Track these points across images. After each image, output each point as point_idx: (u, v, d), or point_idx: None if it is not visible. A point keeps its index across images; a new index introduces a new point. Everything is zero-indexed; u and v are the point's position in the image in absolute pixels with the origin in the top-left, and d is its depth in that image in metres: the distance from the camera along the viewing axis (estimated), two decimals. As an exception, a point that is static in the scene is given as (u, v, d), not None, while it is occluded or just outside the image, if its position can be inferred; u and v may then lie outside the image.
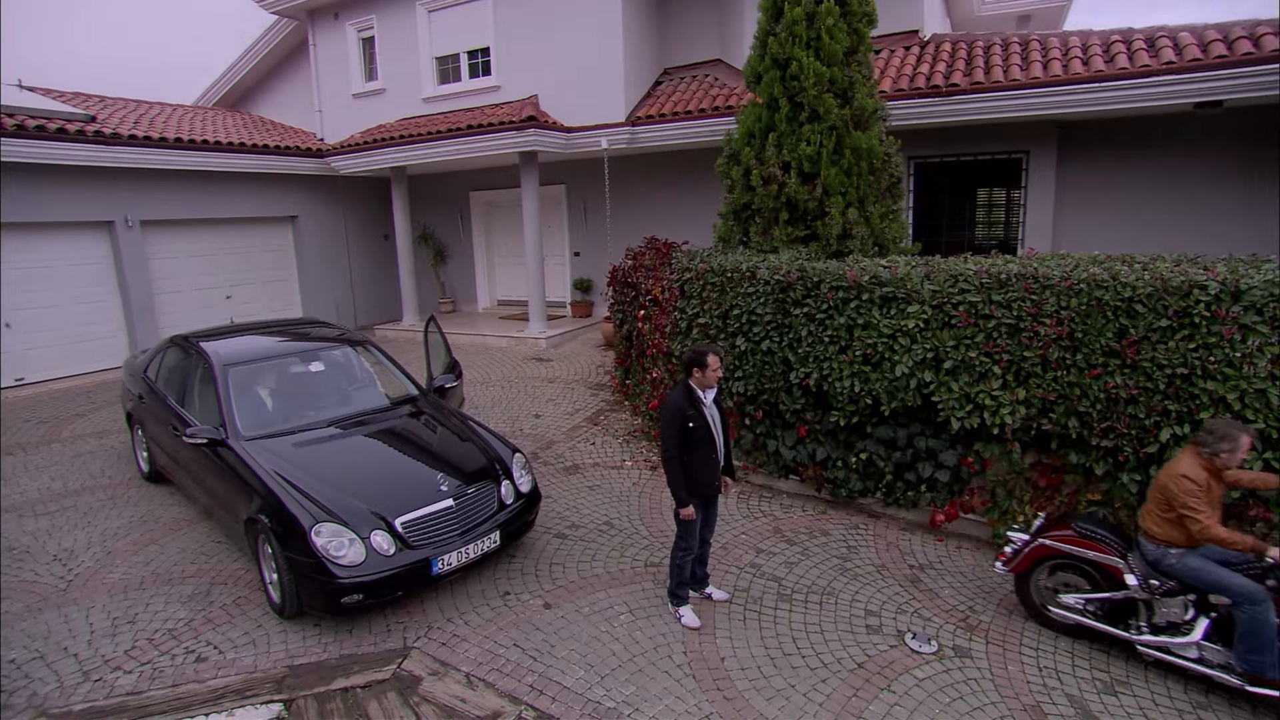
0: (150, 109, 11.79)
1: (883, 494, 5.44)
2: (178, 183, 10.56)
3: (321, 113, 13.39)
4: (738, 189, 6.47)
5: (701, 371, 3.80)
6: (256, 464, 4.15)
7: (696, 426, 3.76)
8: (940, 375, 4.83)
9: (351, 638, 3.89)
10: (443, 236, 14.76)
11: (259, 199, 11.97)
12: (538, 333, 11.25)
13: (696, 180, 10.85)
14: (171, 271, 10.90)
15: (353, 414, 4.89)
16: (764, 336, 5.56)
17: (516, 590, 4.38)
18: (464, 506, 4.21)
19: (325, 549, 3.70)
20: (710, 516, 4.08)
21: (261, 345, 5.30)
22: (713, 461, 3.83)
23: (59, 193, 9.14)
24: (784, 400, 5.60)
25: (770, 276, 5.45)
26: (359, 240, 14.27)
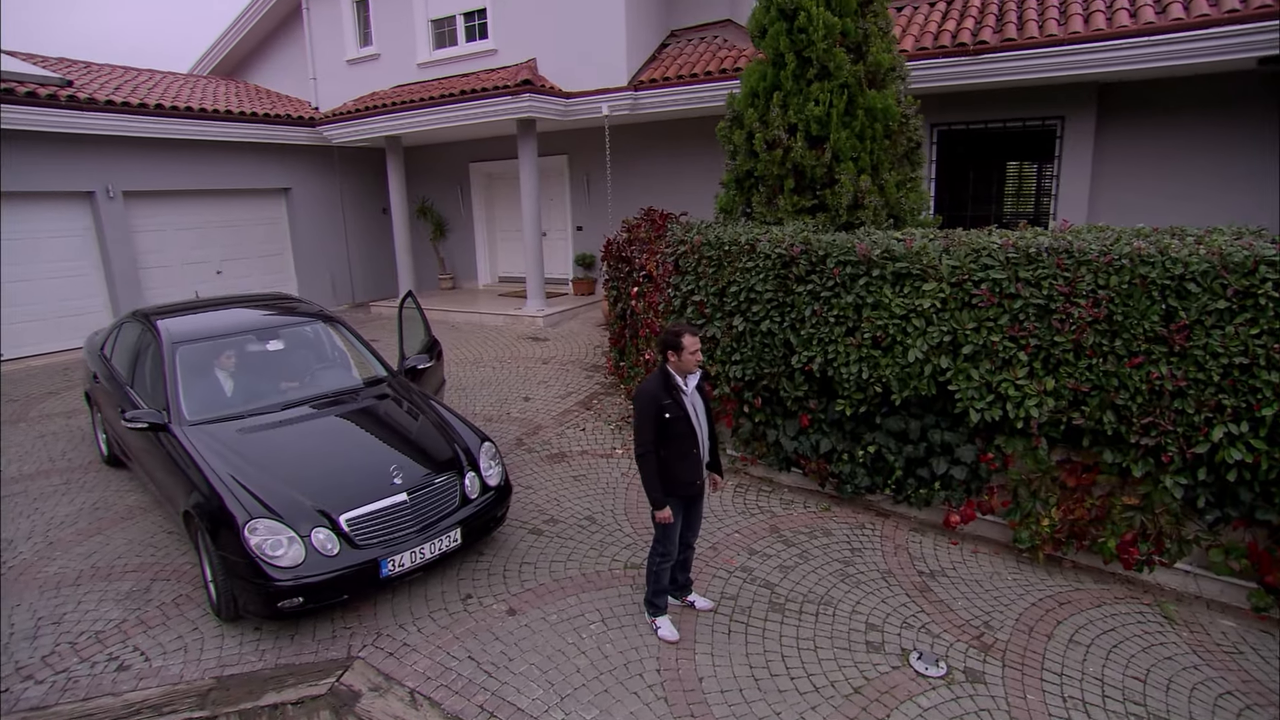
0: (137, 76, 11.44)
1: (892, 491, 4.99)
2: (162, 152, 10.23)
3: (316, 81, 12.96)
4: (740, 155, 5.96)
5: (677, 355, 3.37)
6: (195, 452, 3.82)
7: (674, 418, 3.34)
8: (958, 362, 4.35)
9: (292, 645, 3.56)
10: (442, 210, 14.35)
11: (250, 170, 11.62)
12: (535, 310, 10.86)
13: (704, 150, 10.30)
14: (158, 245, 10.62)
15: (310, 397, 4.53)
16: (764, 316, 5.10)
17: (480, 593, 4.03)
18: (420, 501, 3.85)
19: (259, 548, 3.36)
20: (693, 517, 3.67)
21: (219, 322, 4.94)
22: (693, 457, 3.41)
23: (36, 161, 8.85)
24: (785, 386, 5.15)
25: (771, 250, 4.98)
26: (356, 214, 13.92)
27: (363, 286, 14.16)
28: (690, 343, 3.33)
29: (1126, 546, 4.11)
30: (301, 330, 5.12)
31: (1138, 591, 4.08)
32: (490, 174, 13.80)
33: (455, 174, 13.97)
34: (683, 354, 3.36)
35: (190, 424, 4.08)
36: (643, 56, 9.95)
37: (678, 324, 3.39)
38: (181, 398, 4.21)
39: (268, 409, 4.34)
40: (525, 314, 10.83)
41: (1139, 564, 4.11)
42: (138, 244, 10.28)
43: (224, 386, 4.50)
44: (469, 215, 14.06)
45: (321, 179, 13.06)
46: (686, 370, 3.38)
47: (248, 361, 4.68)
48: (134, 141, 9.77)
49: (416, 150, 14.26)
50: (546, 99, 9.53)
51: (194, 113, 10.07)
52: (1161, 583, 4.12)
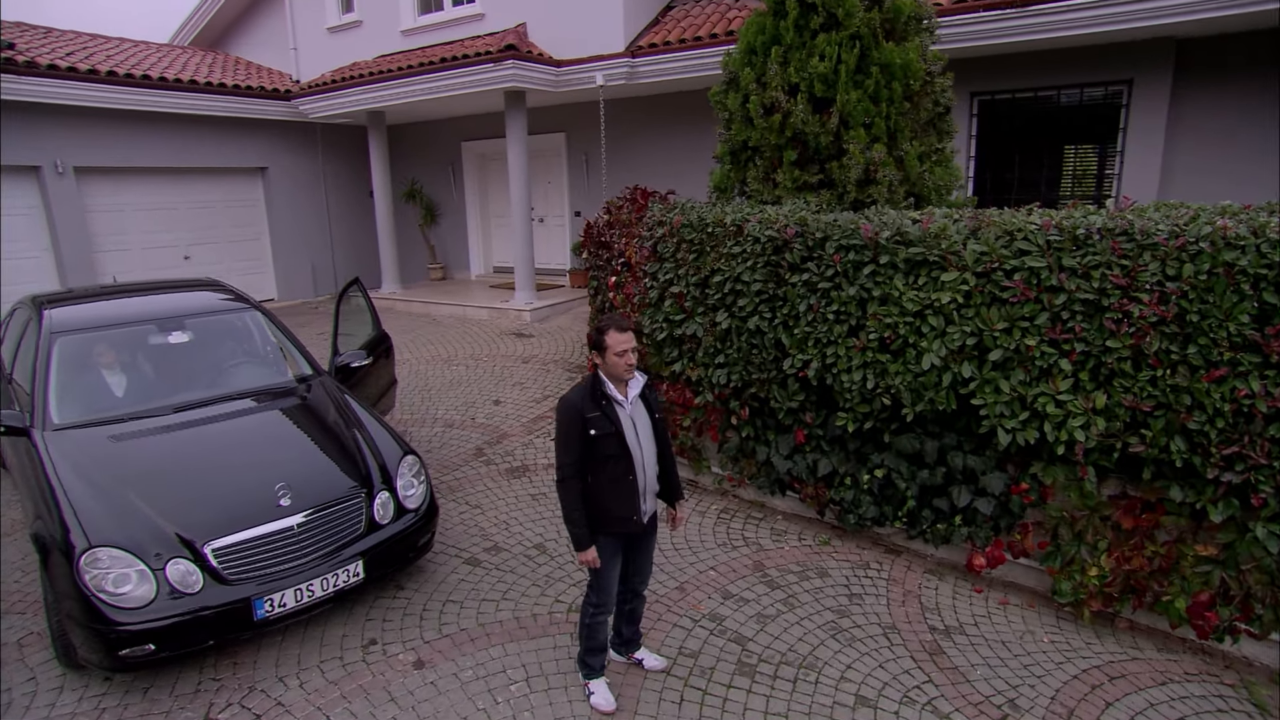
0: (105, 44, 11.17)
1: (904, 524, 4.37)
2: (120, 125, 9.90)
3: (296, 51, 12.62)
4: (735, 123, 5.37)
5: (602, 356, 2.82)
6: (49, 462, 3.37)
7: (601, 435, 2.78)
8: (984, 370, 3.72)
9: (143, 701, 3.07)
10: (433, 193, 13.93)
11: (221, 147, 11.29)
12: (523, 304, 10.36)
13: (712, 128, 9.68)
14: (117, 226, 10.32)
15: (209, 399, 4.06)
16: (751, 312, 4.50)
17: (387, 638, 3.51)
18: (312, 527, 3.35)
19: (95, 583, 2.89)
20: (640, 560, 3.11)
21: (116, 310, 4.50)
22: (628, 485, 2.84)
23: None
24: (777, 395, 4.55)
25: (761, 233, 4.38)
26: (341, 197, 13.56)
27: (346, 275, 13.79)
28: (615, 340, 2.76)
29: (1201, 609, 3.44)
30: (215, 322, 4.66)
31: (1216, 666, 3.41)
32: (483, 154, 13.33)
33: (446, 154, 13.54)
34: (607, 355, 2.80)
35: (56, 428, 3.62)
36: (643, 20, 9.37)
37: (605, 317, 2.83)
38: (51, 397, 3.76)
39: (154, 412, 3.87)
40: (511, 307, 10.34)
41: (1218, 632, 3.43)
42: (93, 225, 9.99)
43: (112, 385, 4.05)
44: (461, 199, 13.62)
45: (302, 158, 12.70)
46: (617, 376, 2.81)
47: (143, 356, 4.23)
48: (86, 112, 9.45)
49: (404, 128, 13.87)
50: (534, 67, 9.01)
51: (151, 82, 9.73)
52: (1249, 657, 3.44)
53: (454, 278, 13.99)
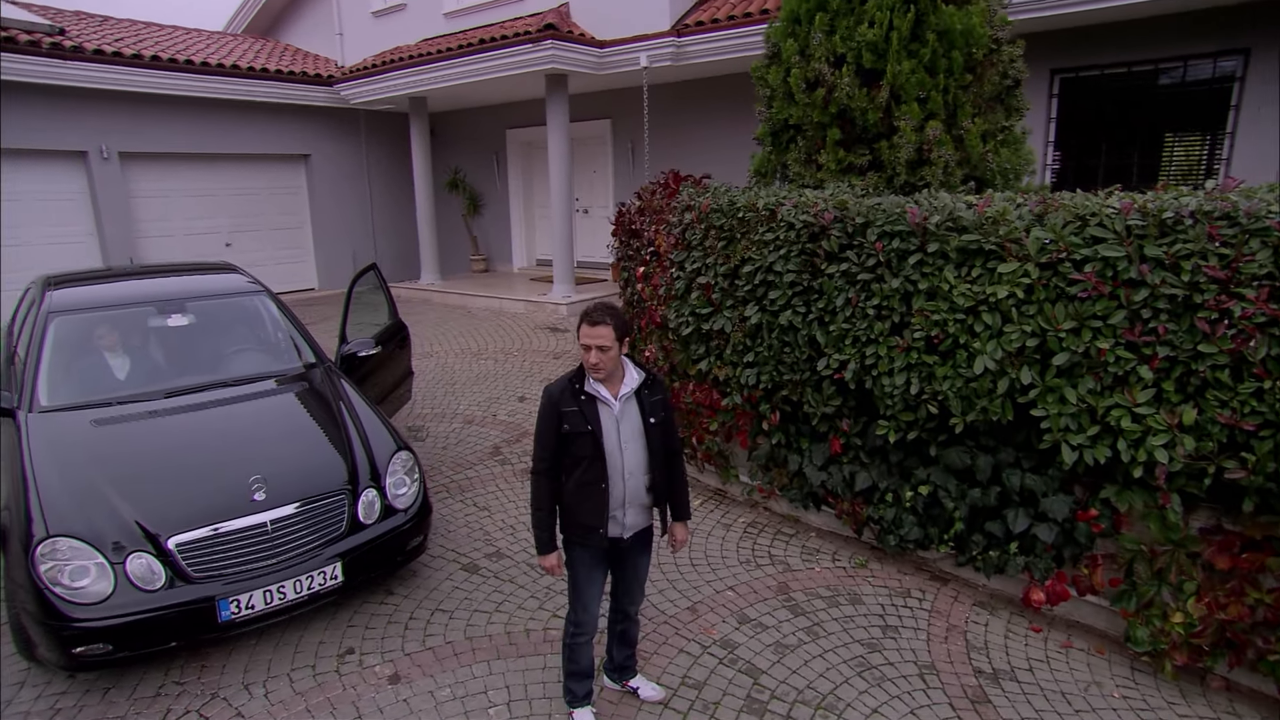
0: (153, 30, 11.58)
1: (952, 548, 3.98)
2: (165, 111, 10.22)
3: (342, 36, 12.83)
4: (777, 100, 5.04)
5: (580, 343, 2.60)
6: (25, 444, 3.35)
7: (574, 433, 2.56)
8: (1047, 376, 3.32)
9: (101, 703, 2.99)
10: (477, 183, 13.97)
11: (265, 133, 11.55)
12: (560, 297, 10.23)
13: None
14: (161, 212, 10.66)
15: (202, 384, 4.00)
16: (784, 305, 4.19)
17: (367, 648, 3.35)
18: (287, 524, 3.22)
19: (50, 575, 2.82)
20: (628, 578, 2.86)
21: (119, 292, 4.52)
22: (599, 494, 2.60)
23: (22, 115, 8.93)
24: (810, 399, 4.23)
25: (795, 218, 4.06)
26: (384, 186, 13.72)
27: (389, 266, 13.94)
28: (583, 334, 2.54)
29: (1310, 670, 2.96)
30: (219, 305, 4.63)
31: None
32: (529, 143, 13.28)
33: (491, 143, 13.55)
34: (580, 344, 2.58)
35: (42, 410, 3.61)
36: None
37: (593, 306, 2.60)
38: (41, 378, 3.76)
39: (144, 397, 3.84)
40: (548, 301, 10.24)
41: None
42: (137, 210, 10.33)
43: (112, 368, 4.05)
44: (504, 189, 13.61)
45: (345, 146, 12.90)
46: (596, 370, 2.57)
47: (143, 339, 4.22)
48: (132, 98, 9.77)
49: (448, 116, 13.95)
50: (575, 48, 8.84)
51: (194, 67, 10.00)
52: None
53: (496, 270, 14.01)
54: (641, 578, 2.88)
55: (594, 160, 12.28)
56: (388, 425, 3.98)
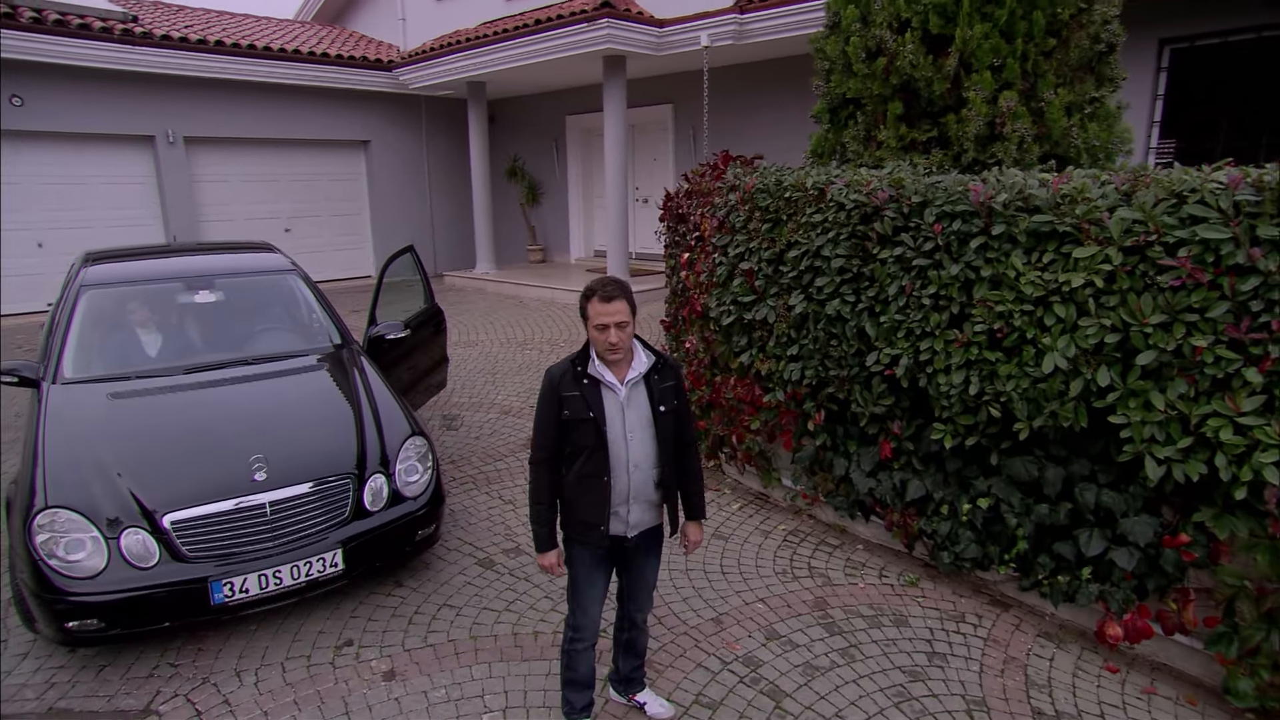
0: (227, 19, 12.08)
1: (1015, 569, 3.65)
2: (229, 96, 10.63)
3: (404, 21, 13.10)
4: (836, 72, 4.77)
5: (586, 324, 2.43)
6: (43, 415, 3.45)
7: (574, 420, 2.41)
8: (1130, 378, 2.97)
9: (95, 679, 3.02)
10: (536, 171, 14.04)
11: (325, 119, 11.89)
12: (612, 289, 10.11)
13: (833, 92, 8.97)
14: (222, 197, 11.10)
15: (223, 361, 4.06)
16: (831, 293, 3.93)
17: (367, 641, 3.30)
18: (287, 507, 3.20)
19: (46, 547, 2.86)
20: (635, 581, 2.69)
21: (152, 268, 4.65)
22: (601, 489, 2.45)
23: (92, 101, 9.43)
24: (859, 397, 3.96)
25: (846, 198, 3.80)
26: (443, 173, 13.94)
27: (446, 254, 14.20)
28: (596, 311, 2.36)
29: None
30: (248, 283, 4.71)
31: None
32: (589, 129, 13.25)
33: (550, 130, 13.59)
34: (588, 327, 2.41)
35: (65, 382, 3.72)
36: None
37: (597, 280, 2.44)
38: (68, 350, 3.88)
39: (165, 371, 3.91)
40: (600, 291, 10.14)
41: None
42: (200, 195, 10.79)
43: (134, 341, 4.15)
44: (563, 178, 13.63)
45: (405, 133, 13.17)
46: (607, 352, 2.41)
47: (172, 315, 4.32)
48: (197, 83, 10.21)
49: (508, 103, 14.06)
50: (633, 27, 8.71)
51: (256, 51, 10.36)
52: None
53: (554, 261, 14.05)
54: (649, 582, 2.71)
55: (655, 147, 12.14)
56: (405, 410, 3.93)
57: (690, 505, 2.69)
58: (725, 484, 5.05)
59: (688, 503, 2.69)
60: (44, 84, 9.08)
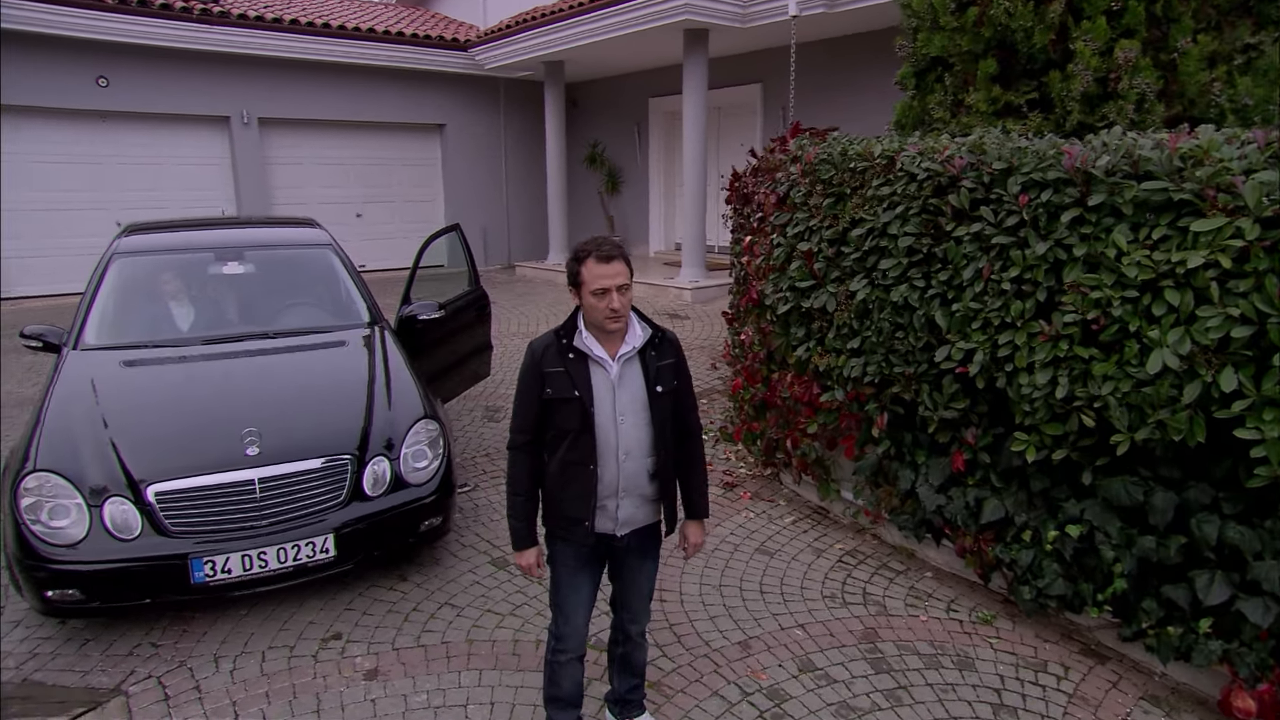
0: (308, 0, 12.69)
1: (1112, 613, 3.23)
2: (303, 76, 11.11)
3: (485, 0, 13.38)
4: (922, 30, 4.44)
5: (577, 292, 2.26)
6: (53, 381, 3.61)
7: (557, 399, 2.25)
8: (1266, 383, 2.54)
9: (76, 653, 3.11)
10: (617, 157, 14.01)
11: (400, 101, 12.26)
12: (686, 282, 9.96)
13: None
14: (295, 179, 11.63)
15: (242, 334, 4.17)
16: (898, 278, 3.61)
17: (354, 636, 3.26)
18: (278, 484, 3.21)
19: (30, 511, 2.96)
20: (628, 590, 2.52)
21: (182, 238, 4.84)
22: (585, 478, 2.28)
23: (169, 81, 10.06)
24: (927, 399, 3.62)
25: (916, 166, 3.48)
26: (520, 159, 14.11)
27: (520, 244, 14.40)
28: (593, 273, 2.18)
29: None
30: (280, 256, 4.82)
31: None
32: (672, 112, 13.10)
33: (632, 113, 13.54)
34: (582, 293, 2.24)
35: (85, 348, 3.89)
36: (857, -68, 8.45)
37: (590, 240, 2.27)
38: (92, 316, 4.06)
39: (183, 341, 4.05)
40: (673, 285, 10.02)
41: None
42: (272, 177, 11.34)
43: (158, 310, 4.33)
44: (644, 165, 13.55)
45: (481, 116, 13.42)
46: (601, 321, 2.23)
47: (202, 286, 4.47)
48: (272, 63, 10.72)
49: (588, 86, 14.11)
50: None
51: (329, 30, 10.78)
52: None
53: (632, 254, 13.94)
54: (644, 589, 2.52)
55: (742, 131, 11.87)
56: (422, 392, 3.89)
57: (691, 502, 2.51)
58: (781, 495, 4.78)
59: (688, 499, 2.51)
60: (125, 64, 9.76)
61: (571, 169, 14.35)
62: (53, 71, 9.37)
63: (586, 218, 14.60)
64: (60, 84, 9.46)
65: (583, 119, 14.43)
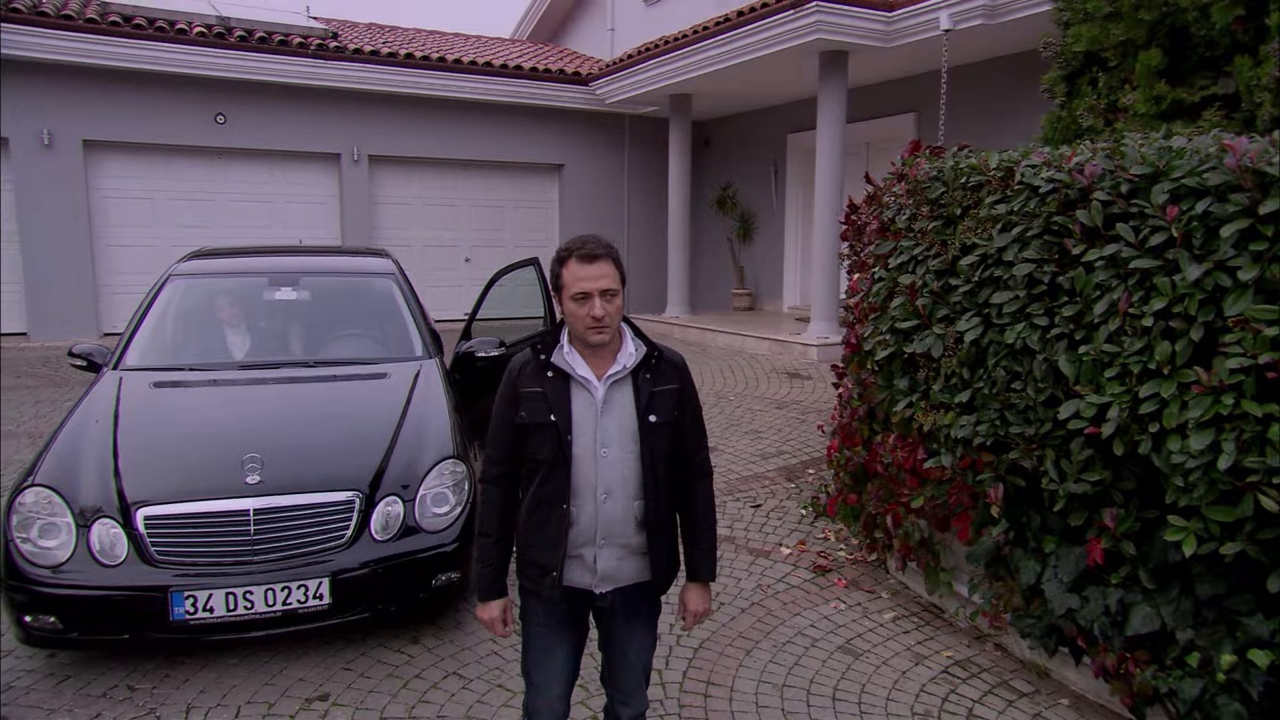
0: (419, 36, 13.74)
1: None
2: (414, 112, 11.93)
3: (613, 32, 14.00)
4: (1074, 22, 4.14)
5: (558, 298, 2.16)
6: (82, 398, 3.94)
7: (532, 423, 2.15)
8: None
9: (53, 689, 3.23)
10: (750, 201, 14.02)
11: (516, 139, 12.90)
12: (813, 338, 9.67)
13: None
14: (402, 220, 12.41)
15: (282, 361, 4.43)
16: (1014, 315, 3.27)
17: (344, 699, 3.23)
18: (275, 516, 3.26)
19: (21, 527, 3.16)
20: (618, 663, 2.35)
21: (244, 263, 5.22)
22: (555, 519, 2.14)
23: (282, 117, 11.09)
24: (1051, 467, 3.20)
25: (1038, 178, 3.18)
26: (646, 204, 14.36)
27: (641, 296, 14.53)
28: (574, 275, 2.09)
29: None
30: (338, 284, 5.12)
31: None
32: (814, 149, 13.02)
33: (769, 150, 13.57)
34: (563, 299, 2.14)
35: (125, 369, 4.21)
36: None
37: (576, 238, 2.18)
38: (138, 337, 4.41)
39: (215, 366, 4.35)
40: (798, 341, 9.77)
41: None
42: (380, 218, 12.16)
43: (204, 333, 4.68)
44: (780, 208, 13.48)
45: (603, 156, 13.86)
46: (582, 334, 2.13)
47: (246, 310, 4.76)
48: (383, 99, 11.60)
49: (722, 122, 14.31)
50: (851, 12, 8.43)
51: (442, 65, 11.54)
52: None
53: (763, 309, 13.83)
54: (633, 663, 2.32)
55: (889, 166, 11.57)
56: (456, 431, 3.91)
57: (694, 561, 2.32)
58: (884, 585, 4.39)
59: (690, 556, 2.32)
60: (241, 102, 10.91)
61: (700, 214, 14.49)
62: (173, 109, 10.61)
63: (712, 267, 14.63)
64: (180, 122, 10.69)
65: (714, 159, 14.62)
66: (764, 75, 10.44)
